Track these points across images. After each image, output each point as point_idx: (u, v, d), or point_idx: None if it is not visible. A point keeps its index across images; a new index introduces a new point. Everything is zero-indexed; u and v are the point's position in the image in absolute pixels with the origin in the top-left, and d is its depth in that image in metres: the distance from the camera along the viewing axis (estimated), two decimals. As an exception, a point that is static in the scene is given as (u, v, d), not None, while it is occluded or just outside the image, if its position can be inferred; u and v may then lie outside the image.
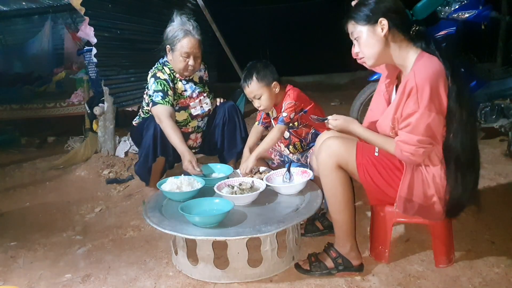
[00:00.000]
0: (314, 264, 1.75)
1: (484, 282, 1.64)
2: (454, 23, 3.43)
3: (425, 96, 1.46)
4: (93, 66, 4.32)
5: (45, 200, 3.02)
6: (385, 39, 1.56)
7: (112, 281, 1.85)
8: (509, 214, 2.17)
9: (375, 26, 1.56)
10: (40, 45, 6.84)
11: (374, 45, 1.58)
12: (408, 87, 1.49)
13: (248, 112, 5.04)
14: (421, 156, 1.54)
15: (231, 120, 2.58)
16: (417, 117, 1.48)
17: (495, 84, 3.25)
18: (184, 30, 2.40)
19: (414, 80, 1.47)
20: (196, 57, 2.45)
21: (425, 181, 1.59)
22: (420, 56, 1.55)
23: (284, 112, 2.20)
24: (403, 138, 1.54)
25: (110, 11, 3.48)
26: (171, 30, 2.43)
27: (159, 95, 2.40)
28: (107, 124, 3.68)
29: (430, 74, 1.47)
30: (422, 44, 1.57)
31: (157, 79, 2.45)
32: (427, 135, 1.50)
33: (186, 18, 2.45)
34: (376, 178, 1.63)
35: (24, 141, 4.75)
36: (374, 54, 1.59)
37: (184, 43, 2.39)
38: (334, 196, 1.68)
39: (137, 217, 2.51)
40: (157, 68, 2.51)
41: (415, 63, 1.53)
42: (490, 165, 2.87)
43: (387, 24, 1.54)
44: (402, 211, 1.66)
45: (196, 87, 2.60)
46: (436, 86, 1.46)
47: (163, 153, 2.43)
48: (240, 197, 1.90)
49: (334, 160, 1.63)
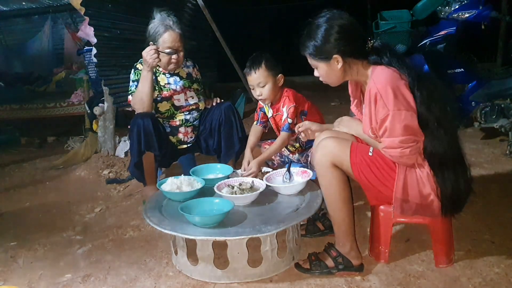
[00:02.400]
0: (314, 263, 1.76)
1: (484, 282, 1.64)
2: (454, 23, 3.44)
3: (390, 97, 1.50)
4: (93, 66, 4.31)
5: (45, 200, 3.02)
6: (342, 70, 1.62)
7: (112, 281, 1.85)
8: (509, 214, 2.17)
9: (330, 62, 1.61)
10: (40, 45, 6.83)
11: (333, 76, 1.67)
12: (372, 95, 1.55)
13: (248, 112, 5.04)
14: (409, 156, 1.56)
15: (228, 121, 2.59)
16: (390, 119, 1.52)
17: (495, 84, 3.25)
18: (165, 25, 2.48)
19: (375, 87, 1.54)
20: (179, 51, 2.52)
21: (419, 180, 1.60)
22: (373, 68, 1.61)
23: (289, 119, 2.21)
24: (386, 144, 1.58)
25: (110, 11, 3.47)
26: (153, 26, 2.50)
27: (134, 84, 2.52)
28: (107, 124, 3.67)
29: (388, 78, 1.53)
30: (378, 58, 1.61)
31: (135, 70, 2.56)
32: (407, 133, 1.53)
33: (166, 14, 2.52)
34: (371, 177, 1.64)
35: (24, 141, 4.75)
36: (335, 81, 1.70)
37: (165, 37, 2.46)
38: (331, 195, 1.70)
39: (137, 217, 2.51)
40: (140, 61, 2.57)
41: (372, 73, 1.60)
42: (490, 165, 2.87)
43: (341, 59, 1.59)
44: (400, 212, 1.67)
45: (181, 81, 2.64)
46: (397, 86, 1.52)
47: (148, 148, 2.43)
48: (240, 197, 1.90)
49: (329, 159, 1.65)
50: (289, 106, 2.21)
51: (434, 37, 3.60)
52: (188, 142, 2.69)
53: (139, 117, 2.45)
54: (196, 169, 2.30)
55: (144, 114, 2.48)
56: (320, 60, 1.63)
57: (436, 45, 3.60)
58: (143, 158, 2.46)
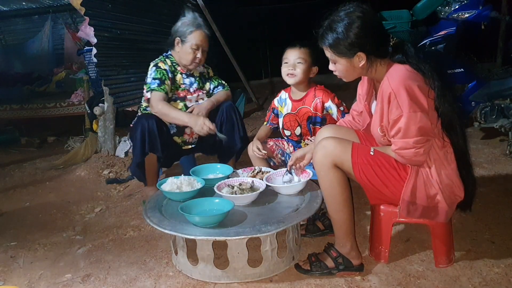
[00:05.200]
0: (314, 264, 1.75)
1: (484, 282, 1.64)
2: (454, 23, 3.43)
3: (404, 98, 1.49)
4: (93, 66, 4.32)
5: (45, 200, 3.02)
6: (364, 67, 1.60)
7: (112, 281, 1.85)
8: (509, 214, 2.17)
9: (352, 58, 1.58)
10: (40, 45, 6.84)
11: (353, 73, 1.65)
12: (386, 95, 1.53)
13: (248, 112, 5.05)
14: (423, 155, 1.57)
15: (229, 120, 2.59)
16: (405, 121, 1.50)
17: (495, 84, 3.24)
18: (197, 23, 2.55)
19: (389, 86, 1.51)
20: (204, 50, 2.58)
21: (426, 181, 1.60)
22: (389, 65, 1.60)
23: (341, 107, 2.28)
24: (399, 146, 1.57)
25: (110, 11, 3.48)
26: (183, 23, 2.55)
27: (156, 82, 2.50)
28: (107, 124, 3.68)
29: (402, 77, 1.51)
30: (399, 57, 1.59)
31: (158, 68, 2.55)
32: (421, 134, 1.52)
33: (197, 14, 2.61)
34: (372, 177, 1.63)
35: (24, 141, 4.76)
36: (352, 78, 1.68)
37: (196, 35, 2.52)
38: (331, 196, 1.69)
39: (137, 217, 2.51)
40: (160, 59, 2.61)
41: (387, 71, 1.58)
42: (490, 165, 2.87)
43: (365, 56, 1.57)
44: (406, 214, 1.66)
45: (196, 83, 2.66)
46: (411, 87, 1.49)
47: (152, 149, 2.44)
48: (240, 197, 1.90)
49: (330, 160, 1.64)
50: (332, 97, 2.28)
51: (434, 37, 3.60)
52: (192, 142, 2.70)
53: (144, 117, 2.45)
54: (196, 169, 2.30)
55: (149, 114, 2.49)
56: (341, 55, 1.58)
57: (436, 45, 3.59)
58: (146, 158, 2.47)
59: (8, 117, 4.82)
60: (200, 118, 2.37)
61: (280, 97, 2.44)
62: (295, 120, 2.35)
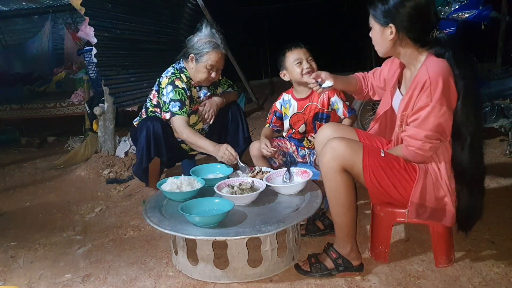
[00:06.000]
0: (314, 265, 1.75)
1: (484, 282, 1.64)
2: (454, 23, 3.43)
3: (438, 90, 1.47)
4: (93, 66, 4.32)
5: (45, 200, 3.02)
6: (392, 42, 1.58)
7: (112, 281, 1.85)
8: (509, 214, 2.17)
9: (385, 27, 1.57)
10: (40, 45, 6.85)
11: (382, 44, 1.63)
12: (421, 81, 1.50)
13: (248, 112, 5.04)
14: (428, 151, 1.55)
15: (234, 120, 2.59)
16: (428, 110, 1.49)
17: (495, 84, 3.24)
18: (213, 43, 2.40)
19: (427, 74, 1.49)
20: (219, 69, 2.48)
21: (435, 183, 1.60)
22: (429, 55, 1.57)
23: (346, 102, 2.28)
24: (410, 133, 1.56)
25: (110, 11, 3.48)
26: (199, 40, 2.41)
27: (176, 105, 2.39)
28: (107, 124, 3.68)
29: (442, 70, 1.49)
30: (439, 50, 1.56)
31: (175, 88, 2.42)
32: (436, 130, 1.51)
33: (215, 30, 2.46)
34: (382, 179, 1.60)
35: (24, 141, 4.76)
36: (381, 50, 1.66)
37: (212, 56, 2.39)
38: (337, 199, 1.66)
39: (137, 217, 2.51)
40: (175, 75, 2.47)
41: (426, 60, 1.55)
42: (490, 165, 2.87)
43: (395, 31, 1.55)
44: (415, 216, 1.64)
45: (208, 91, 2.62)
46: (448, 81, 1.48)
47: (157, 154, 2.44)
48: (240, 197, 1.90)
49: (339, 163, 1.60)
50: (338, 92, 2.25)
51: (434, 37, 3.60)
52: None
53: (149, 120, 2.42)
54: (196, 169, 2.30)
55: (153, 117, 2.47)
56: (377, 21, 1.59)
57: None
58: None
59: (8, 117, 4.83)
60: (222, 147, 2.22)
61: (283, 99, 2.40)
62: (302, 119, 2.34)
